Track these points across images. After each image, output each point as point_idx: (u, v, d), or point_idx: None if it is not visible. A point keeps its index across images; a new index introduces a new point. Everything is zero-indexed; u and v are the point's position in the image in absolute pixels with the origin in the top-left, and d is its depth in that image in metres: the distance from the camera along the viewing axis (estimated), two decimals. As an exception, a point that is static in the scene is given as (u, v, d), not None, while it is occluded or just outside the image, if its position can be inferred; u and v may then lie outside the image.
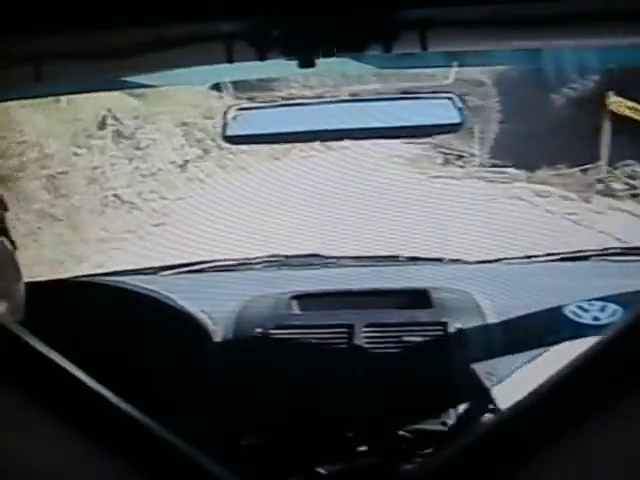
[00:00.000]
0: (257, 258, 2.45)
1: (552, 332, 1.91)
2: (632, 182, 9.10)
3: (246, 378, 1.90)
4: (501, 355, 1.89)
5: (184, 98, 9.67)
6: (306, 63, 1.27)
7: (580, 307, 1.96)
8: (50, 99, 7.14)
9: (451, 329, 1.88)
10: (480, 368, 1.82)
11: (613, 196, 8.96)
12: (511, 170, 9.59)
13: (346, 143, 7.80)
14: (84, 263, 7.39)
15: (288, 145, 8.63)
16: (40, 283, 2.17)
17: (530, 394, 0.56)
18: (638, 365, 0.53)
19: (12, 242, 1.55)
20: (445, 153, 10.26)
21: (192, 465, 0.56)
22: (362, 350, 1.87)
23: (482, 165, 9.99)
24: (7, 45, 1.18)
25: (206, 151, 9.97)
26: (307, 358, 1.88)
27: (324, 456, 1.81)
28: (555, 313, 1.96)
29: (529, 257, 2.41)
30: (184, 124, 9.99)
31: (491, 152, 10.17)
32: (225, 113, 1.81)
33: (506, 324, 1.95)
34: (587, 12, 1.18)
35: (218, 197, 8.51)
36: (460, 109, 1.69)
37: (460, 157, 10.14)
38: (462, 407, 1.81)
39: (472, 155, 9.99)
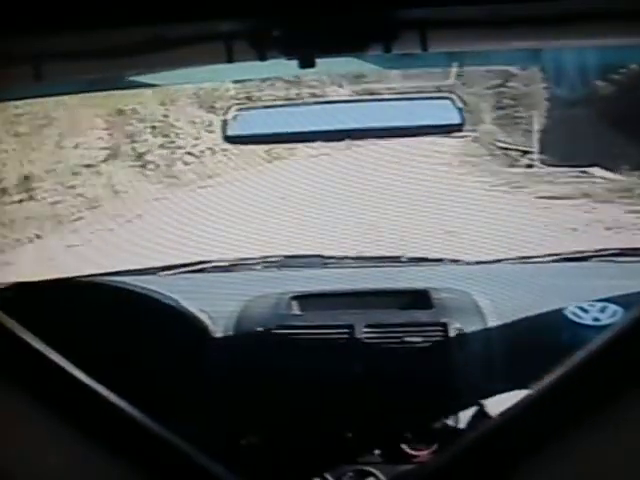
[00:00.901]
0: (257, 258, 2.45)
1: (552, 333, 1.91)
2: None
3: (246, 378, 1.90)
4: (501, 356, 1.89)
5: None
6: (306, 63, 1.27)
7: (580, 308, 1.96)
8: None
9: (451, 330, 1.88)
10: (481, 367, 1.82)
11: None
12: (597, 171, 7.29)
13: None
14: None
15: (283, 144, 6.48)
16: (40, 283, 2.17)
17: (526, 396, 0.56)
18: (637, 366, 0.53)
19: None
20: (500, 148, 8.19)
21: (192, 465, 0.56)
22: (362, 350, 1.87)
23: (560, 165, 7.54)
24: (7, 45, 1.18)
25: (119, 153, 6.24)
26: (307, 358, 1.88)
27: (324, 456, 1.81)
28: (555, 314, 1.96)
29: (529, 258, 2.41)
30: (120, 112, 6.56)
31: (545, 146, 8.27)
32: (225, 113, 1.81)
33: (506, 325, 1.95)
34: (587, 12, 1.18)
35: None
36: (460, 109, 1.69)
37: (525, 153, 7.93)
38: (462, 406, 1.81)
39: (528, 151, 7.91)
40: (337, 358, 1.88)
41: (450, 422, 1.81)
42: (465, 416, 1.79)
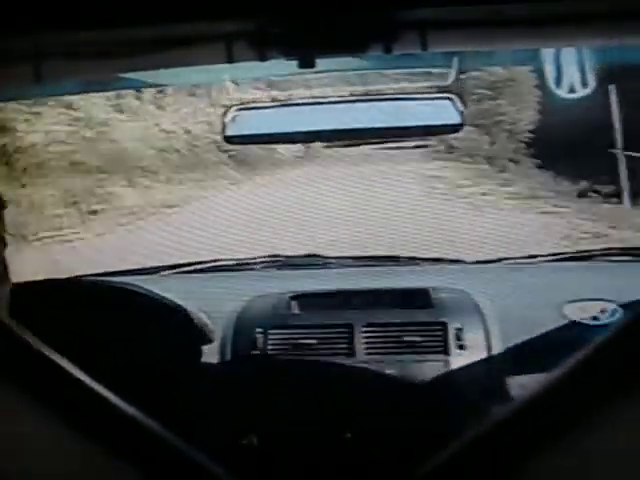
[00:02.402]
0: (257, 258, 2.45)
1: (552, 332, 1.91)
2: None
3: (245, 378, 1.90)
4: (500, 355, 1.89)
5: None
6: (306, 63, 1.27)
7: (580, 308, 1.96)
8: None
9: (451, 329, 1.88)
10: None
11: None
12: None
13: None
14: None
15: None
16: (40, 283, 2.17)
17: (527, 395, 0.56)
18: (636, 366, 0.53)
19: (3, 241, 1.53)
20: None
21: (192, 465, 0.56)
22: (362, 350, 1.88)
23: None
24: (7, 45, 1.18)
25: None
26: (307, 358, 1.88)
27: (323, 457, 1.81)
28: (555, 313, 1.96)
29: (529, 257, 2.41)
30: None
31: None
32: (224, 113, 1.80)
33: (505, 324, 1.95)
34: (587, 12, 1.18)
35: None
36: (461, 111, 1.69)
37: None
38: (462, 407, 1.81)
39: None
40: (337, 358, 1.88)
41: (450, 422, 1.80)
42: (464, 416, 1.79)
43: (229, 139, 1.84)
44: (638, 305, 1.88)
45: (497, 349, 1.90)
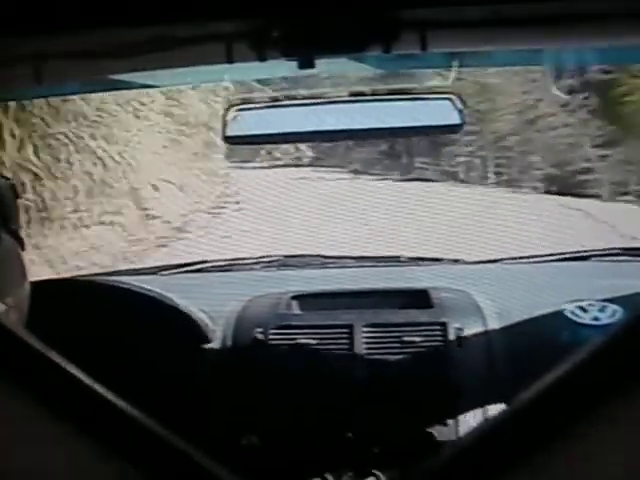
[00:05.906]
0: (257, 258, 2.45)
1: (552, 332, 1.91)
2: None
3: (246, 378, 1.90)
4: (500, 355, 1.89)
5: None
6: (306, 63, 1.27)
7: (580, 307, 1.96)
8: None
9: (451, 329, 1.88)
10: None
11: None
12: None
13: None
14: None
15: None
16: (40, 282, 2.17)
17: (527, 395, 0.56)
18: (636, 366, 0.53)
19: (20, 240, 1.54)
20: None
21: (192, 465, 0.56)
22: (362, 350, 1.88)
23: None
24: (7, 45, 1.18)
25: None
26: (307, 358, 1.88)
27: (324, 456, 1.81)
28: (555, 313, 1.96)
29: (529, 257, 2.41)
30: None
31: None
32: (224, 113, 1.80)
33: (505, 324, 1.95)
34: (587, 12, 1.18)
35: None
36: (460, 111, 1.69)
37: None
38: (462, 407, 1.81)
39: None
40: (337, 358, 1.88)
41: (450, 422, 1.80)
42: (465, 415, 1.79)
43: (229, 139, 1.84)
44: (638, 305, 1.88)
45: (497, 349, 1.90)
